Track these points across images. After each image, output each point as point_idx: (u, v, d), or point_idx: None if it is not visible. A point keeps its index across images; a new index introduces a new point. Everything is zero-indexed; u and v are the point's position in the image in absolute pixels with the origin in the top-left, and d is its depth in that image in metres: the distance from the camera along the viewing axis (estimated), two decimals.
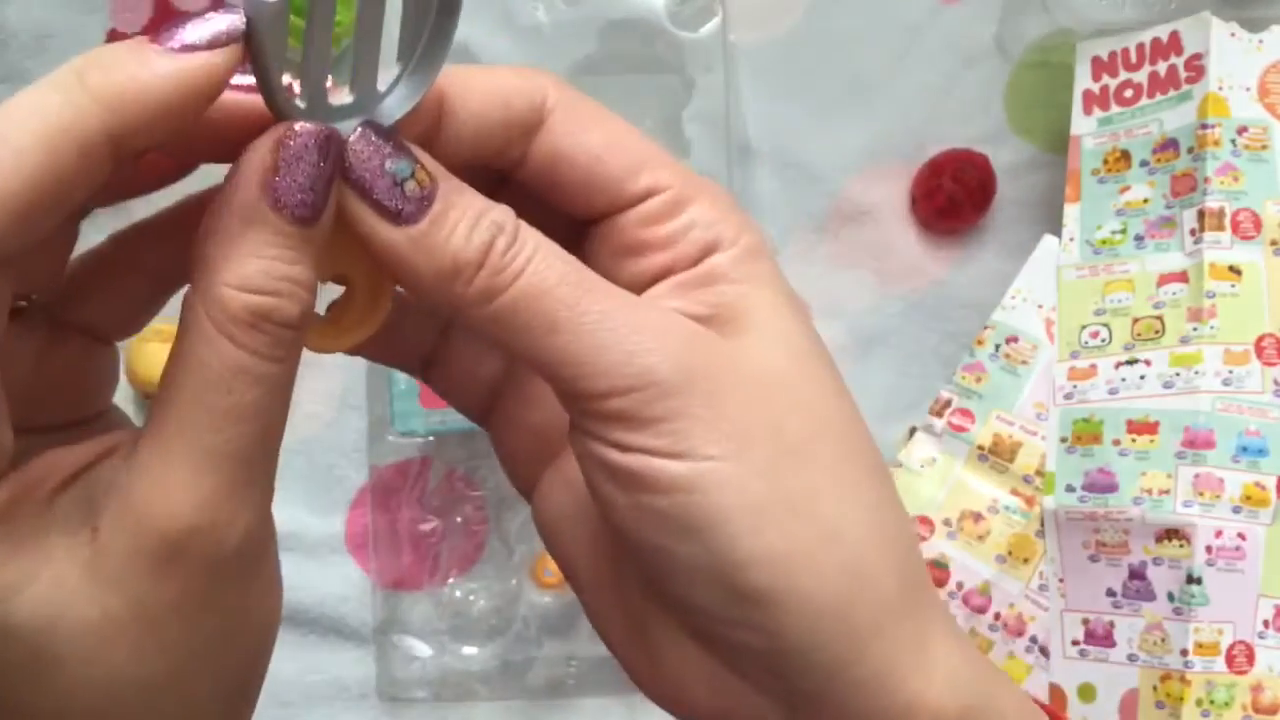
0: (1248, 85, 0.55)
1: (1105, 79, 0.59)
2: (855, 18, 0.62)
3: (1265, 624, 0.52)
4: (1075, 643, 0.56)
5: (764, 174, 0.62)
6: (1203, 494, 0.52)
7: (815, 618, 0.23)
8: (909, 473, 0.58)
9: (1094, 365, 0.56)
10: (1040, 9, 0.62)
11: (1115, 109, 0.58)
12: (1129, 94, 0.58)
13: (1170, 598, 0.52)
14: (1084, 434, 0.56)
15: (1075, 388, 0.57)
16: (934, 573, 0.57)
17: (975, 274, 0.62)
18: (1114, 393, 0.56)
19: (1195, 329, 0.54)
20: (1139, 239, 0.57)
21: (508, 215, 0.23)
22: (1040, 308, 0.58)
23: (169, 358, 0.22)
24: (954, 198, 0.60)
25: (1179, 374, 0.54)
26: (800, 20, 0.62)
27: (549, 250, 0.23)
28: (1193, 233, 0.55)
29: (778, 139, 0.62)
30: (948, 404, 0.59)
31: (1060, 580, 0.56)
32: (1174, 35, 0.57)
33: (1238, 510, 0.52)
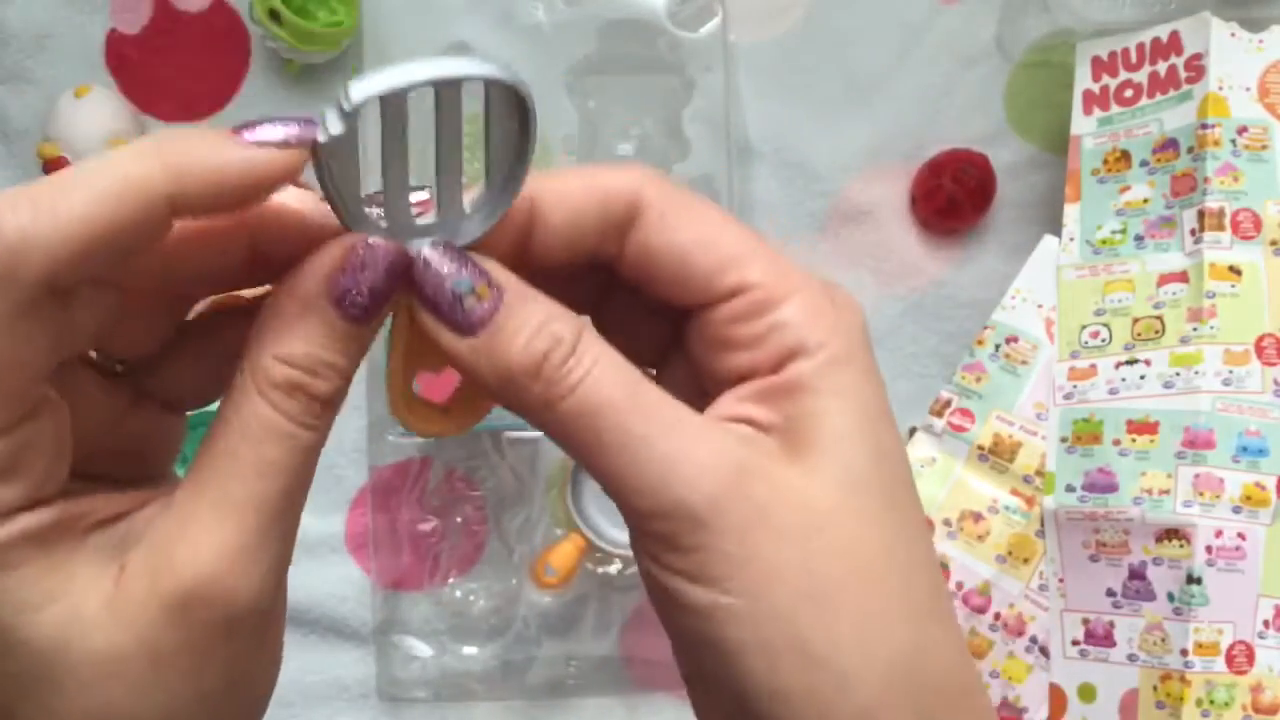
0: (1248, 85, 0.55)
1: (1105, 79, 0.59)
2: (855, 18, 0.62)
3: (1265, 624, 0.52)
4: (1075, 643, 0.56)
5: (764, 174, 0.62)
6: (1203, 494, 0.52)
7: None
8: None
9: (1094, 365, 0.56)
10: (1040, 9, 0.62)
11: (1115, 109, 0.58)
12: (1129, 94, 0.58)
13: (1170, 598, 0.52)
14: (1084, 434, 0.56)
15: (1075, 388, 0.57)
16: None
17: (975, 274, 0.62)
18: (1114, 393, 0.56)
19: (1195, 329, 0.54)
20: (1139, 239, 0.57)
21: (569, 327, 0.24)
22: (1040, 308, 0.58)
23: (214, 417, 0.24)
24: (954, 198, 0.60)
25: (1179, 374, 0.54)
26: (800, 20, 0.63)
27: (606, 366, 0.24)
28: (1193, 233, 0.55)
29: (778, 139, 0.62)
30: (948, 404, 0.59)
31: (1060, 580, 0.56)
32: (1174, 35, 0.57)
33: (1238, 510, 0.52)
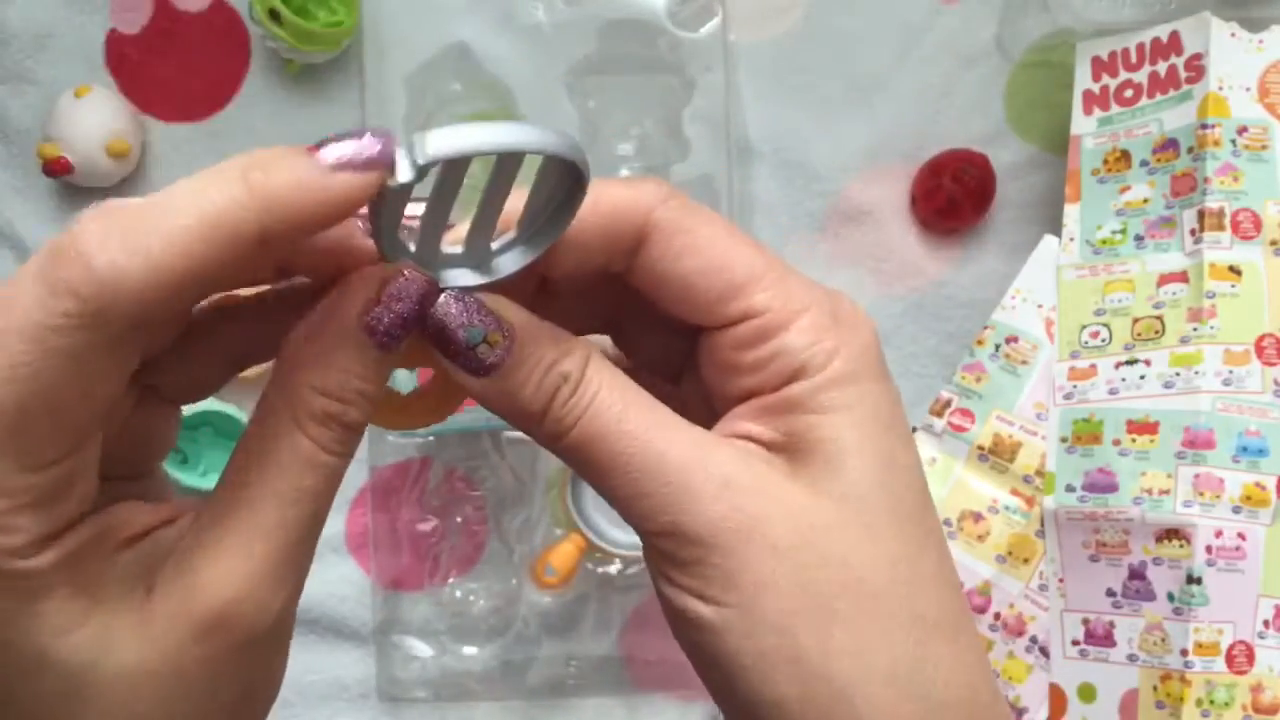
0: (1248, 85, 0.55)
1: (1105, 79, 0.59)
2: (855, 18, 0.62)
3: (1265, 624, 0.51)
4: (1075, 643, 0.56)
5: (764, 174, 0.62)
6: (1203, 494, 0.52)
7: None
8: None
9: (1094, 365, 0.56)
10: (1040, 9, 0.62)
11: (1115, 109, 0.58)
12: (1129, 94, 0.58)
13: (1170, 598, 0.52)
14: (1084, 434, 0.56)
15: (1075, 388, 0.57)
16: None
17: (975, 274, 0.62)
18: (1114, 393, 0.56)
19: (1195, 329, 0.54)
20: (1139, 239, 0.57)
21: (576, 363, 0.25)
22: (1040, 308, 0.58)
23: (239, 443, 0.24)
24: (954, 198, 0.60)
25: (1179, 374, 0.54)
26: (800, 20, 0.63)
27: (608, 395, 0.25)
28: (1193, 233, 0.55)
29: (778, 139, 0.62)
30: (948, 404, 0.59)
31: (1060, 580, 0.56)
32: (1174, 35, 0.57)
33: (1238, 510, 0.52)
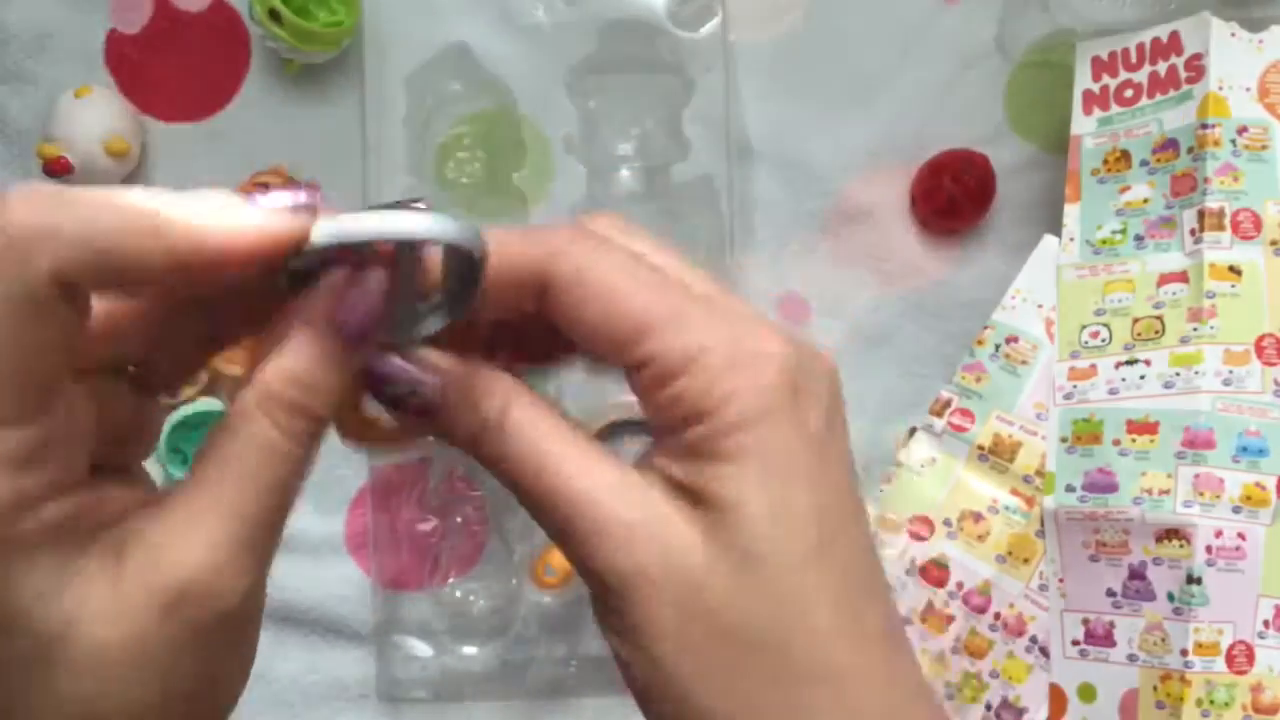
0: (1248, 85, 0.55)
1: (1105, 79, 0.59)
2: (855, 18, 0.62)
3: (1265, 624, 0.51)
4: (1075, 643, 0.56)
5: (764, 174, 0.62)
6: (1203, 494, 0.52)
7: None
8: (909, 472, 0.58)
9: (1094, 365, 0.56)
10: (1040, 9, 0.62)
11: (1115, 109, 0.58)
12: (1129, 94, 0.58)
13: (1170, 598, 0.52)
14: (1084, 434, 0.56)
15: (1075, 388, 0.57)
16: (934, 572, 0.58)
17: (975, 274, 0.62)
18: (1114, 393, 0.56)
19: (1195, 329, 0.54)
20: (1139, 239, 0.57)
21: (495, 407, 0.27)
22: (1040, 308, 0.58)
23: (211, 430, 0.26)
24: (954, 198, 0.60)
25: (1179, 374, 0.54)
26: (800, 20, 0.62)
27: (528, 436, 0.27)
28: (1193, 233, 0.55)
29: (778, 139, 0.62)
30: (948, 404, 0.59)
31: (1060, 580, 0.56)
32: (1174, 35, 0.57)
33: (1238, 510, 0.52)
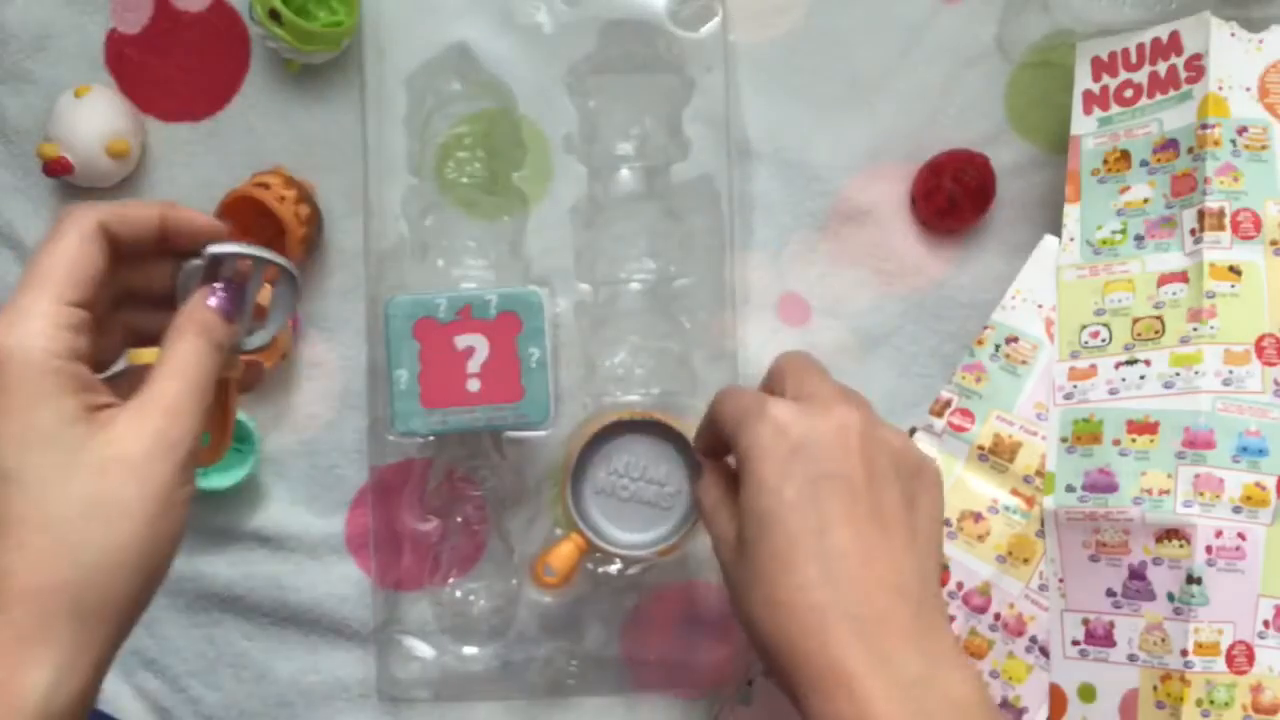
0: (1248, 85, 0.55)
1: (1105, 79, 0.59)
2: (855, 18, 0.62)
3: (1265, 624, 0.52)
4: (1075, 643, 0.56)
5: (764, 174, 0.62)
6: (1203, 494, 0.52)
7: None
8: None
9: (1094, 365, 0.56)
10: (1040, 9, 0.62)
11: (1115, 109, 0.58)
12: (1129, 94, 0.58)
13: (1170, 598, 0.52)
14: (1084, 434, 0.56)
15: (1075, 388, 0.57)
16: None
17: (975, 274, 0.62)
18: (1114, 393, 0.56)
19: (1195, 329, 0.54)
20: (1139, 239, 0.57)
21: None
22: (1040, 308, 0.58)
23: (161, 349, 0.40)
24: (954, 198, 0.60)
25: (1179, 374, 0.54)
26: (800, 20, 0.63)
27: None
28: (1193, 233, 0.55)
29: (778, 139, 0.62)
30: (948, 404, 0.59)
31: (1060, 580, 0.56)
32: (1174, 35, 0.57)
33: (1238, 510, 0.52)
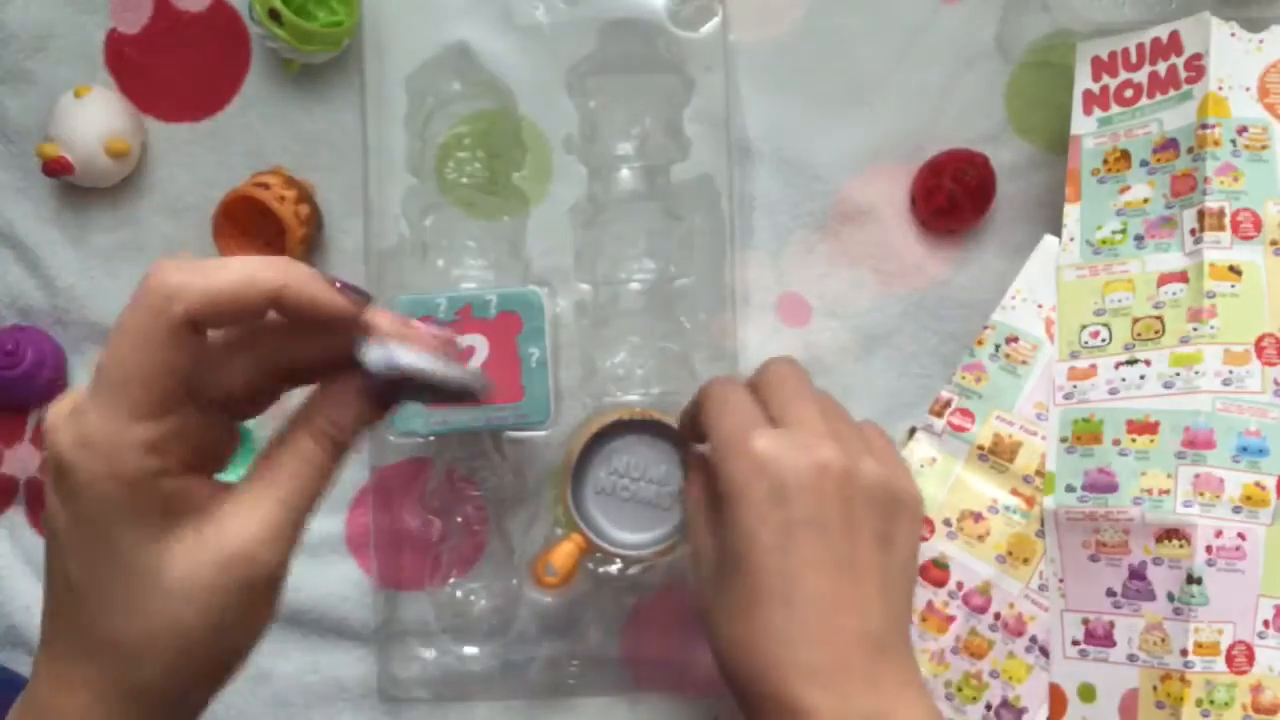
0: (1248, 85, 0.55)
1: (1105, 79, 0.59)
2: (855, 18, 0.62)
3: (1265, 624, 0.52)
4: (1075, 643, 0.56)
5: (764, 174, 0.62)
6: (1203, 494, 0.52)
7: None
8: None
9: (1094, 365, 0.56)
10: (1040, 9, 0.62)
11: (1115, 109, 0.58)
12: (1129, 94, 0.58)
13: (1170, 598, 0.52)
14: (1084, 434, 0.56)
15: (1075, 388, 0.57)
16: (934, 572, 0.58)
17: (975, 274, 0.62)
18: (1114, 393, 0.56)
19: (1195, 329, 0.54)
20: (1139, 239, 0.57)
21: None
22: (1040, 308, 0.58)
23: (267, 446, 0.38)
24: (954, 198, 0.60)
25: (1179, 374, 0.54)
26: (800, 20, 0.63)
27: None
28: (1193, 233, 0.55)
29: (778, 139, 0.62)
30: (948, 404, 0.59)
31: (1060, 580, 0.56)
32: (1174, 35, 0.57)
33: (1238, 510, 0.52)
